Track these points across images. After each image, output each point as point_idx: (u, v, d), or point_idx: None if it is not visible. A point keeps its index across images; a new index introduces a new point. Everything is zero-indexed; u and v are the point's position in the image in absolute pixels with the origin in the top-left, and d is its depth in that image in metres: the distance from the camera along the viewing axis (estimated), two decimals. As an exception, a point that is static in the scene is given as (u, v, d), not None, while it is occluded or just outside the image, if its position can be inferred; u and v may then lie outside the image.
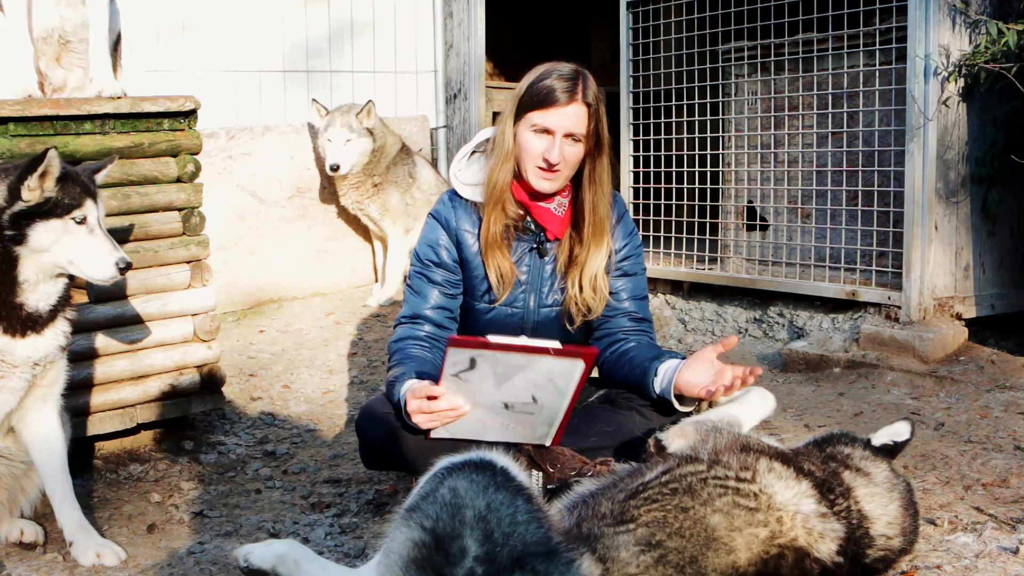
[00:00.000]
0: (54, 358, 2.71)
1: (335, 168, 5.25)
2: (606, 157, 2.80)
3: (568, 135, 2.71)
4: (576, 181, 2.83)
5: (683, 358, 2.73)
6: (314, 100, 5.45)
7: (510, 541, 1.73)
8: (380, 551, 1.96)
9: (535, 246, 2.86)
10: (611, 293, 2.88)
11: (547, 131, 2.70)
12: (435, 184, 5.66)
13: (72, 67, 3.55)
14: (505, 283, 2.82)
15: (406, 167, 5.59)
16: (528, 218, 2.84)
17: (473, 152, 2.91)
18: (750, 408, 2.50)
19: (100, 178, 2.75)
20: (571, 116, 2.70)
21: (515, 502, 1.80)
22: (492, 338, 2.42)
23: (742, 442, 2.18)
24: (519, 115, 2.75)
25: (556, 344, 2.38)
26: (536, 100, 2.71)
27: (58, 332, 2.69)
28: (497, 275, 2.81)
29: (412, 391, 2.53)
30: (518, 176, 2.79)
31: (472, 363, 2.41)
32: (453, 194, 2.90)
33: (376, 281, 5.69)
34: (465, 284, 2.88)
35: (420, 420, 2.50)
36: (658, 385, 2.70)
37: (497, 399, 2.45)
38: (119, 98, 3.35)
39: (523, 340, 2.46)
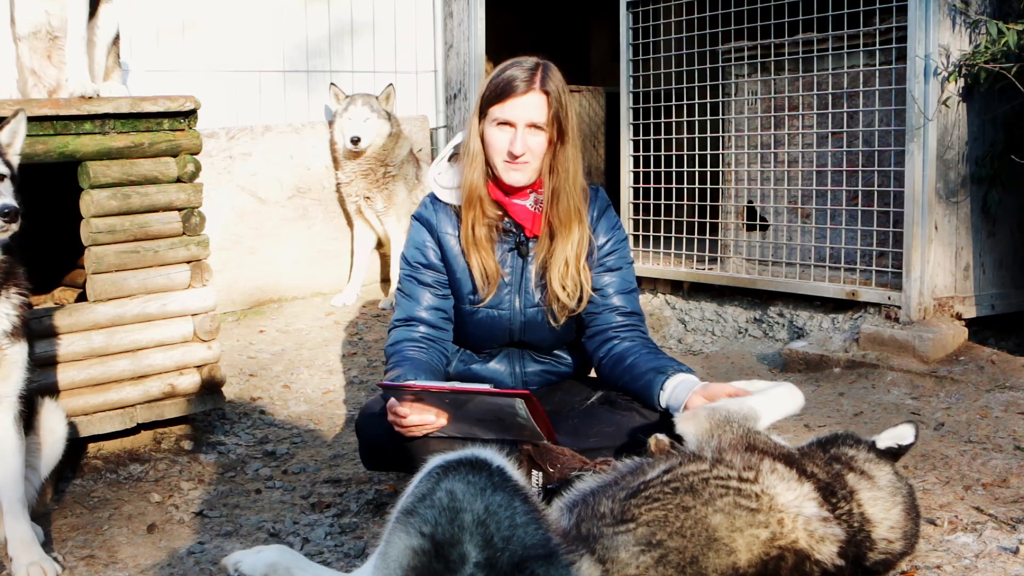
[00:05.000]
0: None
1: (356, 140, 5.33)
2: (570, 146, 2.77)
3: (530, 125, 2.71)
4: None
5: (687, 369, 2.72)
6: (332, 84, 5.57)
7: (510, 545, 1.71)
8: (375, 555, 1.93)
9: (515, 246, 2.86)
10: (597, 289, 2.87)
11: (508, 123, 2.71)
12: None
13: (63, 65, 3.51)
14: (490, 282, 2.82)
15: (414, 168, 5.70)
16: (507, 218, 2.84)
17: (452, 155, 2.92)
18: (774, 402, 2.43)
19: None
20: (529, 105, 2.70)
21: (513, 503, 1.78)
22: (422, 383, 2.47)
23: (748, 440, 2.16)
24: (482, 113, 2.76)
25: (488, 387, 2.45)
26: (495, 94, 2.72)
27: None
28: (482, 273, 2.81)
29: (389, 406, 2.55)
30: (492, 175, 2.79)
31: (417, 398, 2.46)
32: (434, 197, 2.91)
33: (348, 280, 5.67)
34: (450, 287, 2.89)
35: (400, 431, 2.54)
36: (664, 399, 2.69)
37: (464, 416, 2.48)
38: (91, 98, 3.28)
39: (453, 384, 2.50)
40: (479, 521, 1.73)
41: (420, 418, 2.49)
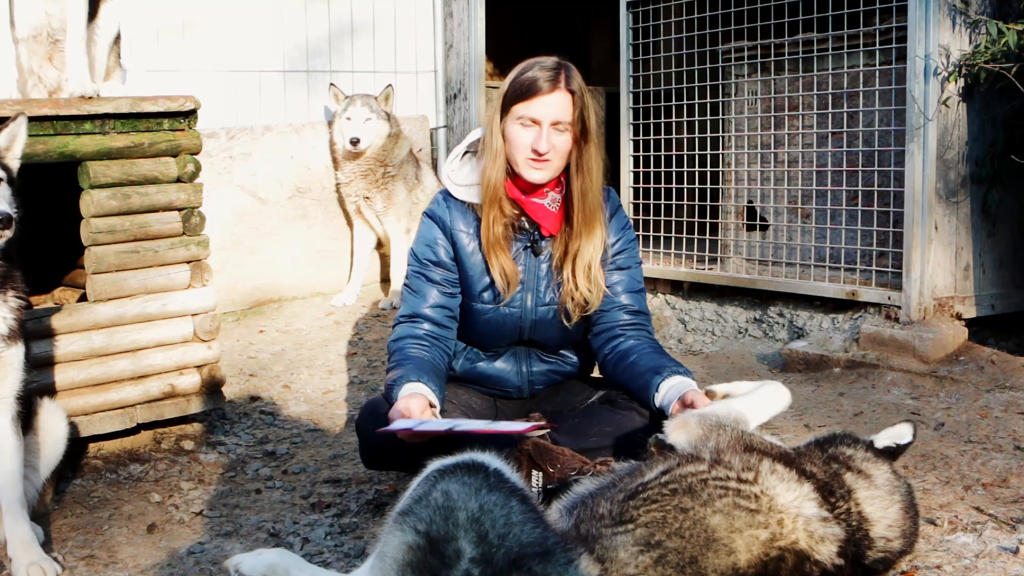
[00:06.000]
0: None
1: (355, 141, 5.33)
2: (593, 145, 2.79)
3: (555, 123, 2.71)
4: (566, 173, 2.83)
5: (684, 372, 2.73)
6: (332, 84, 5.57)
7: (506, 542, 1.73)
8: (373, 555, 1.95)
9: (529, 245, 2.86)
10: (607, 287, 2.88)
11: (534, 121, 2.71)
12: (438, 189, 5.69)
13: (63, 67, 3.51)
14: (510, 284, 2.82)
15: (414, 169, 5.71)
16: (522, 216, 2.84)
17: (466, 152, 2.91)
18: (760, 403, 2.46)
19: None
20: (555, 104, 2.70)
21: (509, 503, 1.79)
22: (424, 429, 2.43)
23: (745, 441, 2.17)
24: (505, 110, 2.76)
25: (494, 427, 2.42)
26: (520, 92, 2.72)
27: None
28: (501, 276, 2.81)
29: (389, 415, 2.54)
30: (510, 173, 2.79)
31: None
32: (447, 194, 2.91)
33: (348, 280, 5.67)
34: (462, 285, 2.88)
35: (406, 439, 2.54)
36: (658, 400, 2.70)
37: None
38: (91, 98, 3.28)
39: (458, 425, 2.43)
40: (474, 519, 1.75)
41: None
